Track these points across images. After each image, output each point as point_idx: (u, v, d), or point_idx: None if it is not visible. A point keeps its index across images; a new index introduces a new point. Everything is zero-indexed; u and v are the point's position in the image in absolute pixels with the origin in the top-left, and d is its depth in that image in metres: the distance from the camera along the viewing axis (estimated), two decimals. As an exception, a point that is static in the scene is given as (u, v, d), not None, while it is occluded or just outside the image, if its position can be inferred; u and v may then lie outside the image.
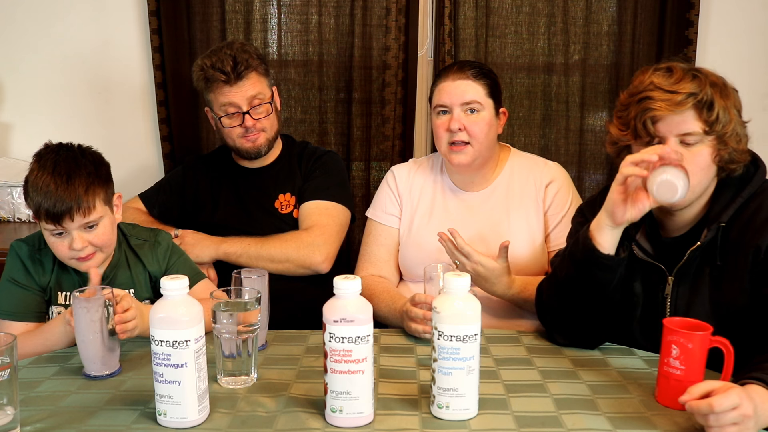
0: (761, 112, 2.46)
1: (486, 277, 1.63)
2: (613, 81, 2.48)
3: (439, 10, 2.42)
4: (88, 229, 1.46)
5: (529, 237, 1.80)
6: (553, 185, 1.85)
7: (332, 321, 1.09)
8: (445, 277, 1.14)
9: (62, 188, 1.41)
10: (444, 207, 1.89)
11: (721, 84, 1.34)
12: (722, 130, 1.31)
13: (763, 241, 1.31)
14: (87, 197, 1.43)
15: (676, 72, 1.34)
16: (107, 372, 1.33)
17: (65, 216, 1.42)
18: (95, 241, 1.48)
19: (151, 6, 2.40)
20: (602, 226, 1.35)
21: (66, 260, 1.50)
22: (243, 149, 1.99)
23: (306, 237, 1.91)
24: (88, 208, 1.43)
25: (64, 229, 1.44)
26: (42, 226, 1.47)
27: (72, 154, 1.48)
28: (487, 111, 1.78)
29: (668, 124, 1.32)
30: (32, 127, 2.56)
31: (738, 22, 2.46)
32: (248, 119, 1.93)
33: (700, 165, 1.33)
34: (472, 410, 1.16)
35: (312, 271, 1.90)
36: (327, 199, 1.99)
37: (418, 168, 1.96)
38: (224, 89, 1.92)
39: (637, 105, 1.35)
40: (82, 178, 1.44)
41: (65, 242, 1.46)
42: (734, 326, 1.29)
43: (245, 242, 1.89)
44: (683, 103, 1.30)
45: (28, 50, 2.52)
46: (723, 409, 1.03)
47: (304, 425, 1.14)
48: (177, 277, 1.14)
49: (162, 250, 1.64)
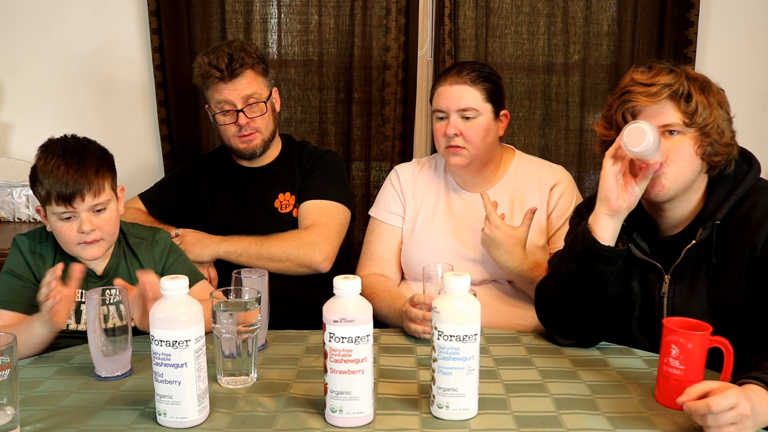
0: (761, 112, 2.46)
1: (500, 243, 1.65)
2: (613, 81, 2.48)
3: (439, 10, 2.42)
4: (96, 212, 1.50)
5: (532, 238, 1.80)
6: (558, 188, 1.85)
7: (332, 321, 1.09)
8: (445, 277, 1.14)
9: (74, 169, 1.46)
10: (447, 206, 1.89)
11: (701, 80, 1.37)
12: (703, 122, 1.33)
13: (758, 239, 1.31)
14: (97, 179, 1.49)
15: (654, 68, 1.38)
16: (118, 373, 1.32)
17: (77, 196, 1.46)
18: (102, 226, 1.51)
19: (151, 6, 2.40)
20: (599, 216, 1.37)
21: (71, 247, 1.51)
22: (238, 149, 1.99)
23: (306, 236, 1.91)
24: (98, 189, 1.49)
25: (74, 211, 1.47)
26: (50, 213, 1.49)
27: (79, 140, 1.55)
28: (484, 116, 1.78)
29: (647, 116, 1.35)
30: (32, 127, 2.56)
31: (738, 22, 2.46)
32: (242, 117, 1.93)
33: (682, 156, 1.34)
34: (472, 410, 1.16)
35: (312, 270, 1.90)
36: (327, 199, 1.99)
37: (422, 168, 1.97)
38: (219, 86, 1.92)
39: (618, 101, 1.39)
40: (93, 159, 1.51)
41: (73, 225, 1.49)
42: (731, 325, 1.30)
43: (246, 241, 1.89)
44: (659, 93, 1.33)
45: (29, 50, 2.52)
46: (721, 409, 1.03)
47: (304, 425, 1.14)
48: (177, 277, 1.14)
49: (159, 249, 1.65)
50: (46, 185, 1.46)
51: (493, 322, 1.72)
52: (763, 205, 1.34)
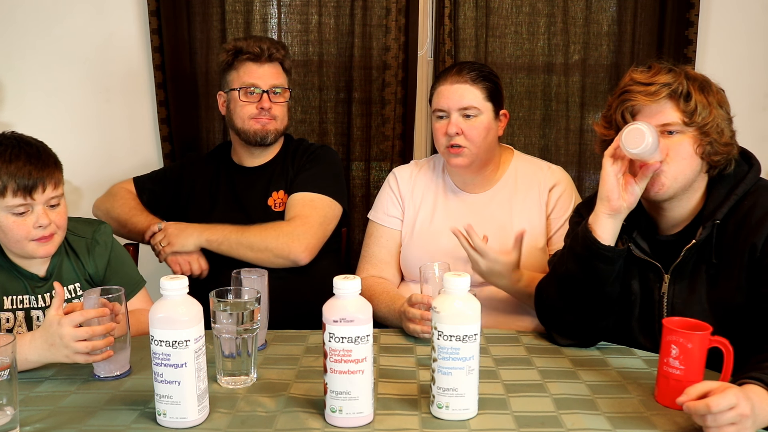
0: (761, 112, 2.46)
1: (500, 273, 1.63)
2: (613, 81, 2.47)
3: (439, 10, 2.42)
4: (50, 207, 1.47)
5: (532, 240, 1.80)
6: (557, 188, 1.85)
7: (332, 321, 1.09)
8: (444, 277, 1.14)
9: (35, 159, 1.44)
10: (446, 207, 1.89)
11: (701, 79, 1.37)
12: (702, 121, 1.33)
13: (758, 239, 1.31)
14: (56, 170, 1.48)
15: (654, 68, 1.38)
16: (117, 373, 1.32)
17: (38, 186, 1.43)
18: (57, 220, 1.48)
19: (151, 6, 2.40)
20: (600, 215, 1.37)
21: (23, 243, 1.46)
22: (251, 131, 1.99)
23: (286, 227, 1.89)
24: (58, 181, 1.48)
25: (32, 203, 1.43)
26: (2, 207, 1.43)
27: (28, 137, 1.51)
28: (485, 115, 1.78)
29: (647, 115, 1.35)
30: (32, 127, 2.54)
31: (738, 22, 2.46)
32: (266, 99, 1.97)
33: (682, 154, 1.35)
34: (472, 410, 1.16)
35: (291, 261, 1.86)
36: (314, 191, 1.97)
37: (420, 169, 1.97)
38: (251, 67, 1.97)
39: (617, 100, 1.40)
40: (49, 152, 1.49)
41: (28, 220, 1.44)
42: (731, 324, 1.30)
43: (227, 230, 1.89)
44: (658, 92, 1.34)
45: (29, 50, 2.52)
46: (720, 409, 1.03)
47: (304, 425, 1.14)
48: (177, 277, 1.14)
49: (100, 248, 1.61)
50: (3, 178, 1.41)
51: (492, 323, 1.73)
52: (763, 205, 1.34)
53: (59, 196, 1.48)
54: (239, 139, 2.04)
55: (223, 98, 2.05)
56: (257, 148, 2.04)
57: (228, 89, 2.02)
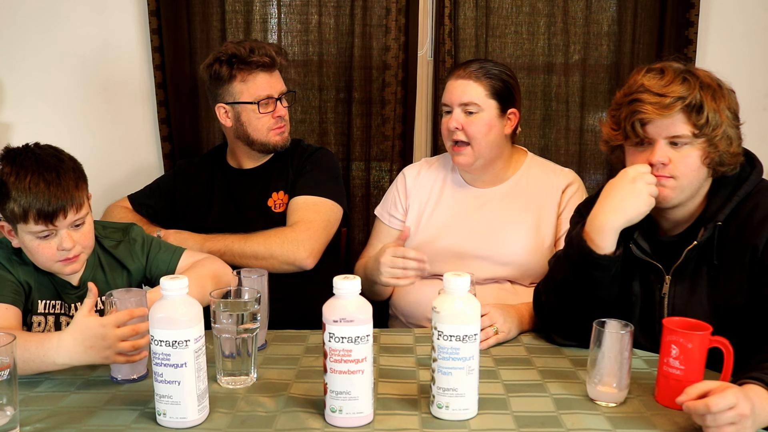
0: (761, 112, 2.46)
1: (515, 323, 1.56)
2: (613, 81, 2.47)
3: (439, 10, 2.42)
4: (75, 227, 1.43)
5: (538, 239, 1.81)
6: (569, 190, 1.86)
7: (332, 321, 1.09)
8: (444, 277, 1.14)
9: (54, 185, 1.37)
10: (451, 198, 1.91)
11: (714, 86, 1.34)
12: (712, 133, 1.32)
13: (760, 240, 1.31)
14: (78, 193, 1.41)
15: (667, 74, 1.34)
16: (134, 376, 1.32)
17: (59, 214, 1.37)
18: (82, 241, 1.44)
19: (151, 6, 2.40)
20: (606, 230, 1.35)
21: (50, 265, 1.44)
22: (274, 143, 1.98)
23: (290, 233, 1.88)
24: (80, 204, 1.41)
25: (54, 228, 1.39)
26: (23, 231, 1.40)
27: (49, 151, 1.44)
28: (486, 112, 1.78)
29: (657, 127, 1.33)
30: (32, 127, 2.56)
31: (738, 22, 2.46)
32: (280, 108, 1.96)
33: (690, 166, 1.34)
34: (472, 410, 1.16)
35: (296, 267, 1.86)
36: (316, 195, 1.96)
37: (430, 167, 1.99)
38: (264, 77, 1.93)
39: (627, 106, 1.36)
40: (70, 173, 1.41)
41: (52, 243, 1.40)
42: (732, 325, 1.29)
43: (229, 239, 1.87)
44: (671, 106, 1.31)
45: (28, 50, 2.52)
46: (720, 409, 1.03)
47: (304, 425, 1.14)
48: (177, 277, 1.14)
49: (138, 246, 1.61)
50: (21, 202, 1.36)
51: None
52: (764, 206, 1.34)
53: (83, 216, 1.43)
54: (249, 148, 2.01)
55: (226, 111, 1.98)
56: (263, 153, 2.04)
57: (234, 101, 1.96)
